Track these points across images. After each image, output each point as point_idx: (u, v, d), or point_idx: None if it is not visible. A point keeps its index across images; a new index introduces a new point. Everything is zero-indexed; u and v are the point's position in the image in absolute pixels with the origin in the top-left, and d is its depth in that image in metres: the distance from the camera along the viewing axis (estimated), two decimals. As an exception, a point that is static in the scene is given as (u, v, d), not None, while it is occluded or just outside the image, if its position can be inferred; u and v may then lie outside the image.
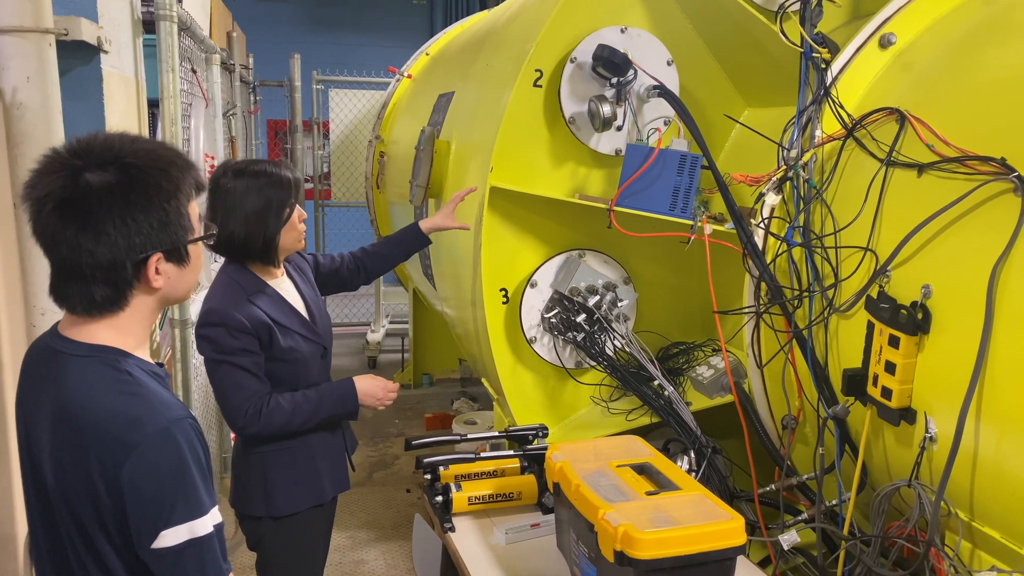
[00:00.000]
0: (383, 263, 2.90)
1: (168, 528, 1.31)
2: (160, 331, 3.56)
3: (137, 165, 1.34)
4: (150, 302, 1.41)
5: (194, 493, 1.33)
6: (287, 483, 2.35)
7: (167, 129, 3.20)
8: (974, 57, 2.11)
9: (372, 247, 2.91)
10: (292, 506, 2.37)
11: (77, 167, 1.31)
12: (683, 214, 2.69)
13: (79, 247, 1.30)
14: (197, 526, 1.33)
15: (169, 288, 1.42)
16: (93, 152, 1.33)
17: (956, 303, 1.84)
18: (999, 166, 1.77)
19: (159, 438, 1.31)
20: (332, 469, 2.46)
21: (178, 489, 1.32)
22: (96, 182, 1.30)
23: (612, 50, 2.66)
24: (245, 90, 6.89)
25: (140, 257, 1.35)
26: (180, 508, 1.32)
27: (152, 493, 1.30)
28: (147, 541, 1.32)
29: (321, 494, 2.43)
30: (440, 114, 4.03)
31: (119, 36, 2.84)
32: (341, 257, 2.82)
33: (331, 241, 8.44)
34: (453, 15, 10.90)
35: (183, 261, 1.42)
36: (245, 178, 2.29)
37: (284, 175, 2.32)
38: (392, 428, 5.79)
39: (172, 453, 1.32)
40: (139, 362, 1.40)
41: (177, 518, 1.32)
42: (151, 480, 1.30)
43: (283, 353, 2.30)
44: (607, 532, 1.74)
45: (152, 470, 1.30)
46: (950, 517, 1.87)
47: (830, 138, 2.34)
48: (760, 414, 2.58)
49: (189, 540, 1.32)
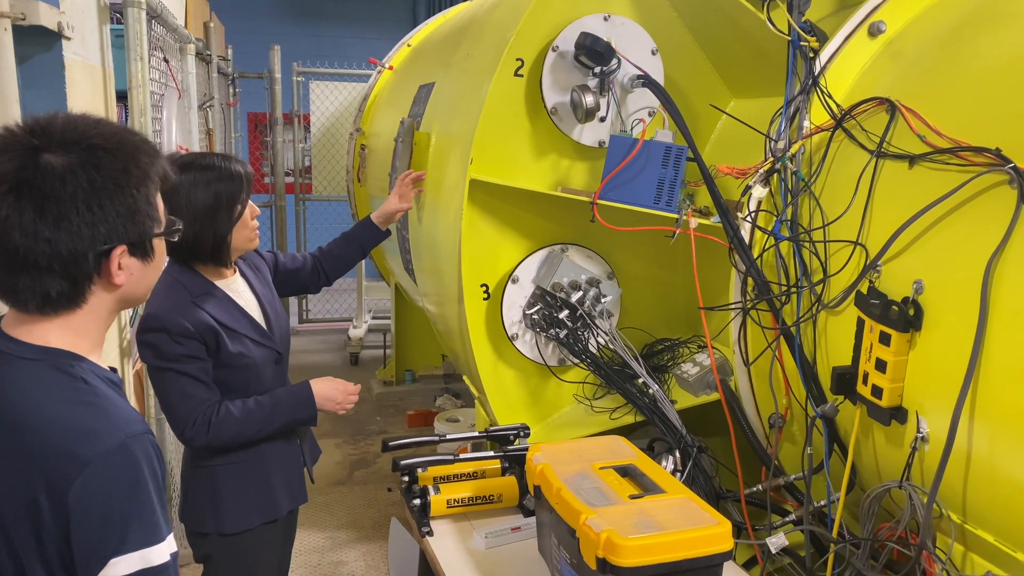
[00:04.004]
0: (340, 264, 2.80)
1: (119, 556, 1.17)
2: (132, 329, 3.46)
3: (104, 147, 1.23)
4: (109, 301, 1.30)
5: (150, 517, 1.20)
6: (237, 499, 2.25)
7: (136, 120, 3.10)
8: (966, 45, 2.05)
9: (328, 247, 2.81)
10: (242, 523, 2.26)
11: (35, 147, 1.19)
12: (668, 207, 2.63)
13: (36, 234, 1.18)
14: (152, 554, 1.20)
15: (130, 286, 1.30)
16: (54, 132, 1.22)
17: (949, 299, 1.79)
18: (994, 157, 1.71)
19: (115, 455, 1.18)
20: (287, 482, 2.35)
21: (133, 512, 1.19)
22: (58, 164, 1.19)
23: (595, 38, 2.59)
24: (224, 82, 6.77)
25: (103, 248, 1.23)
26: (134, 533, 1.18)
27: (103, 515, 1.17)
28: (94, 569, 1.17)
29: (274, 509, 2.32)
30: (420, 105, 3.95)
31: (83, 22, 2.74)
32: (304, 258, 2.72)
33: (312, 236, 8.34)
34: (436, 6, 10.78)
35: (147, 256, 1.32)
36: (192, 172, 2.15)
37: (234, 169, 2.20)
38: (374, 425, 5.71)
39: (129, 472, 1.19)
40: (94, 367, 1.29)
41: (130, 545, 1.18)
42: (104, 501, 1.17)
43: (231, 359, 2.18)
44: (589, 538, 1.68)
45: (105, 490, 1.17)
46: (942, 519, 1.81)
47: (818, 129, 2.28)
48: (747, 413, 2.53)
49: (142, 570, 1.19)
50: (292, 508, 2.40)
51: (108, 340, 2.99)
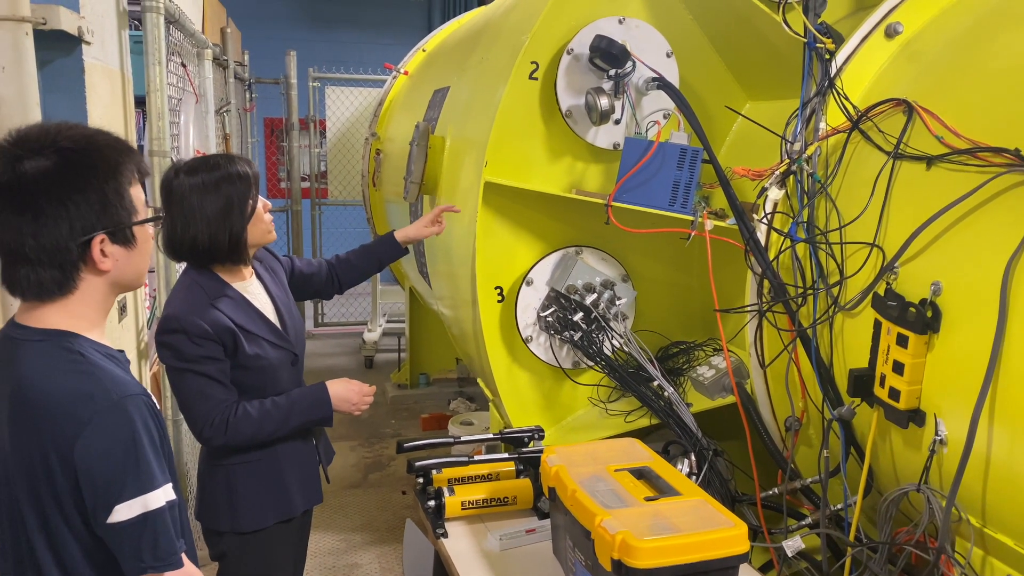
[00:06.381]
0: (355, 274, 2.82)
1: (121, 502, 1.34)
2: (149, 331, 3.49)
3: (72, 148, 1.37)
4: (101, 285, 1.44)
5: (146, 467, 1.36)
6: (253, 497, 2.25)
7: (154, 124, 3.13)
8: (985, 45, 2.04)
9: (346, 256, 2.83)
10: (258, 522, 2.27)
11: (15, 155, 1.35)
12: (683, 209, 2.62)
13: (20, 231, 1.35)
14: (150, 499, 1.36)
15: (118, 271, 1.44)
16: (30, 140, 1.37)
17: (968, 300, 1.77)
18: (1014, 157, 1.70)
19: (111, 413, 1.35)
20: (303, 482, 2.36)
21: (129, 462, 1.35)
22: (31, 167, 1.34)
23: (610, 41, 2.59)
24: (240, 87, 6.82)
25: (83, 239, 1.38)
26: (132, 481, 1.35)
27: (105, 467, 1.34)
28: (102, 516, 1.35)
29: (290, 509, 2.33)
30: (435, 109, 3.97)
31: (103, 27, 2.77)
32: (320, 264, 2.74)
33: (328, 240, 8.38)
34: (451, 11, 10.81)
35: (129, 243, 1.45)
36: (199, 176, 2.18)
37: (241, 170, 2.22)
38: (388, 429, 5.72)
39: (124, 427, 1.35)
40: (93, 344, 1.43)
41: (130, 492, 1.34)
42: (104, 454, 1.34)
43: (248, 360, 2.20)
44: (604, 540, 1.67)
45: (104, 444, 1.34)
46: (961, 523, 1.80)
47: (835, 130, 2.27)
48: (763, 416, 2.51)
49: (143, 514, 1.35)
50: (307, 508, 2.41)
51: (126, 344, 3.02)
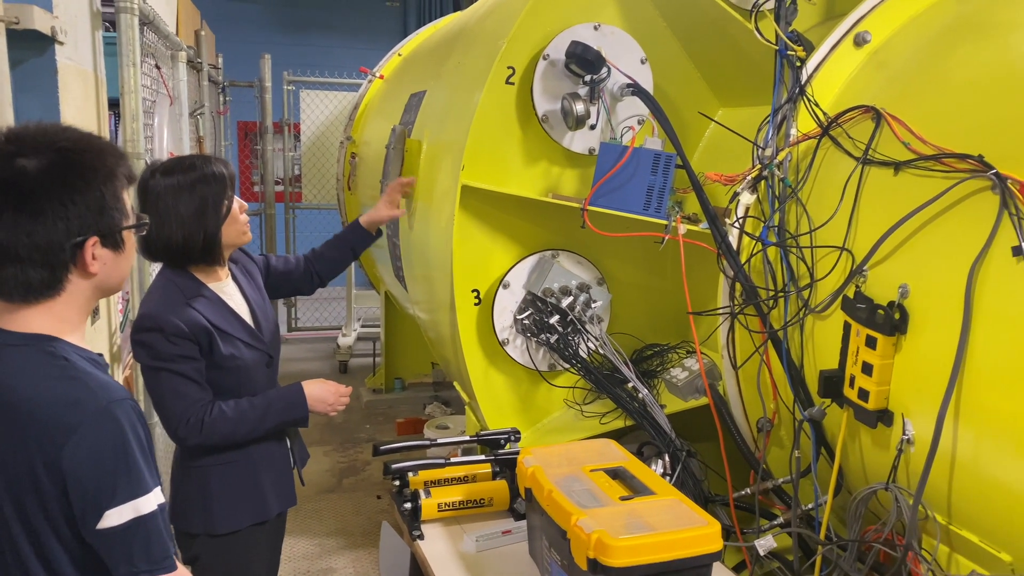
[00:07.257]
0: (332, 266, 2.85)
1: (112, 508, 1.32)
2: (121, 334, 3.45)
3: (72, 149, 1.37)
4: (86, 288, 1.43)
5: (136, 472, 1.35)
6: (228, 499, 2.24)
7: (128, 125, 3.10)
8: (949, 55, 2.09)
9: (320, 249, 2.86)
10: (232, 523, 2.25)
11: (10, 152, 1.33)
12: (657, 214, 2.65)
13: (17, 228, 1.33)
14: (141, 504, 1.35)
15: (104, 274, 1.44)
16: (26, 139, 1.36)
17: (934, 303, 1.82)
18: (976, 163, 1.75)
19: (99, 418, 1.33)
20: (277, 484, 2.35)
21: (120, 467, 1.33)
22: (31, 166, 1.33)
23: (585, 47, 2.62)
24: (214, 90, 6.77)
25: (78, 240, 1.37)
26: (123, 486, 1.33)
27: (94, 473, 1.32)
28: (92, 522, 1.33)
29: (264, 511, 2.32)
30: (412, 113, 3.97)
31: (76, 27, 2.74)
32: (296, 260, 2.75)
33: (302, 244, 8.32)
34: (426, 16, 10.81)
35: (119, 247, 1.45)
36: (175, 176, 2.19)
37: (216, 170, 2.23)
38: (363, 433, 5.70)
39: (113, 432, 1.33)
40: (76, 348, 1.42)
41: (120, 497, 1.33)
42: (93, 460, 1.32)
43: (223, 360, 2.20)
44: (580, 539, 1.69)
45: (93, 450, 1.32)
46: (928, 521, 1.84)
47: (805, 136, 2.31)
48: (735, 417, 2.54)
49: (134, 519, 1.34)
50: (282, 510, 2.40)
51: (98, 347, 2.99)
